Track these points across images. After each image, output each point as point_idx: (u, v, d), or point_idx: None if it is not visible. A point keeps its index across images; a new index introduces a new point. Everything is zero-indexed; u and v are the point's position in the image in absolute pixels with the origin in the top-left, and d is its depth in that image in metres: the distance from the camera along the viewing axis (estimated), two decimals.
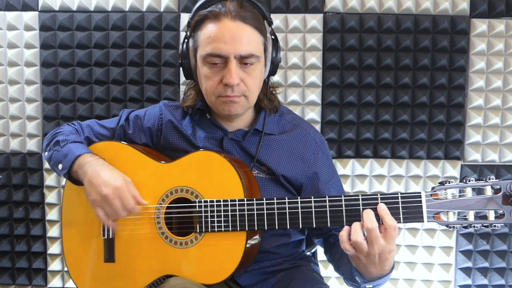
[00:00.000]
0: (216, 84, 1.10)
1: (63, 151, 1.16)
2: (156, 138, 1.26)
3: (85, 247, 1.19)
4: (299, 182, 1.19)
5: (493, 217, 0.93)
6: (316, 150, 1.22)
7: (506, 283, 2.02)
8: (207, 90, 1.12)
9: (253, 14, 1.09)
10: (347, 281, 1.12)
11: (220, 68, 1.09)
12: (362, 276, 1.00)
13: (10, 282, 2.13)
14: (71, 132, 1.24)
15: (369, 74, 1.98)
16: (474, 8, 1.94)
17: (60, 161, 1.15)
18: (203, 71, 1.11)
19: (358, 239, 0.93)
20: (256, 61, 1.10)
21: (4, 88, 2.05)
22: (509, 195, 0.92)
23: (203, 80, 1.13)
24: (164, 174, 1.14)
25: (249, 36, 1.08)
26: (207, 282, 1.07)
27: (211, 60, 1.08)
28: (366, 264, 0.95)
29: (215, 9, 1.08)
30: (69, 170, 1.14)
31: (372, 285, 1.01)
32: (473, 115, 1.99)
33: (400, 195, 0.97)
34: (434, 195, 0.96)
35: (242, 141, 1.20)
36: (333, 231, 1.19)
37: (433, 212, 0.96)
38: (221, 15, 1.07)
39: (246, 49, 1.07)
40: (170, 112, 1.26)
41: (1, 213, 2.09)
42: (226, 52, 1.06)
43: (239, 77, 1.08)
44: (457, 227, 0.95)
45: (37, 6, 2.00)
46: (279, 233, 1.19)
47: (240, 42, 1.06)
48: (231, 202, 1.05)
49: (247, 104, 1.14)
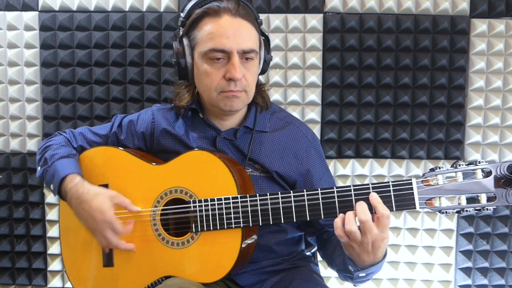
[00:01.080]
0: (218, 79, 1.10)
1: (51, 170, 1.17)
2: (149, 143, 1.26)
3: (84, 253, 1.19)
4: (293, 178, 1.19)
5: (485, 200, 0.94)
6: (309, 147, 1.23)
7: (506, 283, 2.02)
8: (208, 87, 1.13)
9: (248, 12, 1.12)
10: (340, 274, 1.12)
11: (223, 64, 1.10)
12: (355, 265, 1.00)
13: (10, 282, 2.13)
14: (60, 144, 1.24)
15: (369, 74, 1.98)
16: (474, 8, 1.94)
17: (51, 182, 1.17)
18: (203, 68, 1.12)
19: (352, 228, 0.94)
20: (255, 56, 1.12)
21: (4, 88, 2.05)
22: (500, 177, 0.92)
23: (203, 77, 1.13)
24: (158, 176, 1.14)
25: (249, 31, 1.11)
26: (204, 281, 1.07)
27: (213, 55, 1.09)
28: (359, 252, 0.96)
29: (213, 6, 1.10)
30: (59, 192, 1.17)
31: (365, 273, 1.01)
32: (473, 115, 1.99)
33: (392, 183, 0.97)
34: (425, 182, 0.96)
35: (235, 140, 1.20)
36: (326, 228, 1.20)
37: (425, 199, 0.96)
38: (220, 12, 1.09)
39: (248, 44, 1.09)
40: (163, 115, 1.27)
41: (1, 213, 2.09)
42: (229, 47, 1.08)
43: (241, 72, 1.10)
44: (450, 212, 0.95)
45: (37, 6, 2.00)
46: (275, 229, 1.20)
47: (242, 37, 1.09)
48: (225, 200, 1.06)
49: (247, 100, 1.16)
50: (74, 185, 1.13)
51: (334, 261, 1.13)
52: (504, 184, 0.92)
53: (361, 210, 0.95)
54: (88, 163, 1.21)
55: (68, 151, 1.21)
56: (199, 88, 1.17)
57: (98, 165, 1.20)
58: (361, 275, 1.02)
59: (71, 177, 1.14)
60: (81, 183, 1.14)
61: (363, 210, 0.95)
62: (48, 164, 1.18)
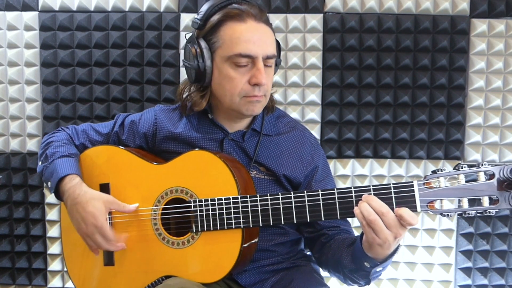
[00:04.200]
0: (242, 84, 1.11)
1: (50, 168, 1.17)
2: (151, 143, 1.26)
3: (84, 252, 1.19)
4: (299, 181, 1.20)
5: (487, 203, 0.91)
6: (312, 151, 1.24)
7: (506, 283, 2.02)
8: (231, 92, 1.12)
9: (268, 18, 1.14)
10: (350, 275, 1.08)
11: (248, 69, 1.10)
12: (373, 259, 0.98)
13: (10, 282, 2.13)
14: (62, 141, 1.23)
15: (369, 74, 1.98)
16: (474, 8, 1.94)
17: (49, 179, 1.17)
18: (226, 72, 1.11)
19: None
20: (273, 62, 1.15)
21: (4, 88, 2.05)
22: (503, 180, 0.90)
23: (225, 81, 1.12)
24: (159, 176, 1.14)
25: (271, 37, 1.13)
26: (205, 281, 1.07)
27: (239, 60, 1.09)
28: (381, 243, 0.94)
29: (234, 9, 1.09)
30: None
31: (382, 266, 1.00)
32: (473, 115, 1.99)
33: (393, 185, 0.96)
34: (427, 184, 0.95)
35: (242, 142, 1.20)
36: (325, 230, 1.19)
37: (426, 201, 0.94)
38: (244, 16, 1.09)
39: (271, 50, 1.11)
40: (166, 116, 1.27)
41: (1, 213, 2.09)
42: (255, 53, 1.08)
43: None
44: (452, 214, 0.94)
45: (37, 6, 2.00)
46: (276, 232, 1.20)
47: (266, 43, 1.10)
48: (226, 201, 1.06)
49: (265, 104, 1.18)
50: (72, 186, 1.13)
51: (341, 262, 1.09)
52: (507, 187, 0.90)
53: (377, 204, 0.94)
54: (89, 162, 1.21)
55: (70, 149, 1.21)
56: (219, 92, 1.16)
57: (100, 164, 1.20)
58: (378, 269, 1.01)
59: (70, 178, 1.14)
60: (79, 185, 1.13)
61: (380, 204, 0.94)
62: (49, 161, 1.18)
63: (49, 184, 1.17)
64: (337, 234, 1.18)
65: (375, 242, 0.94)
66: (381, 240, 0.93)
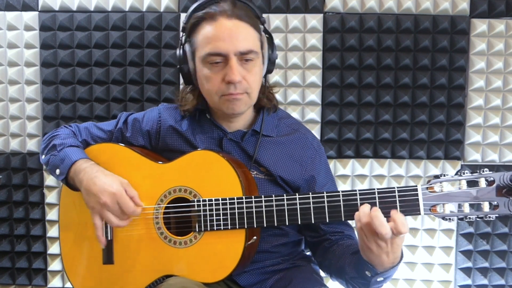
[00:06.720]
0: (218, 83, 1.10)
1: (60, 155, 1.16)
2: (154, 141, 1.26)
3: (83, 250, 1.19)
4: (297, 184, 1.19)
5: (487, 208, 0.96)
6: (314, 155, 1.23)
7: (506, 283, 2.02)
8: (209, 91, 1.13)
9: (246, 12, 1.11)
10: (352, 282, 1.08)
11: (221, 67, 1.09)
12: (374, 268, 0.98)
13: (10, 282, 2.13)
14: (68, 135, 1.24)
15: (369, 74, 1.98)
16: (474, 8, 1.94)
17: (58, 166, 1.15)
18: (203, 72, 1.12)
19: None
20: (255, 57, 1.11)
21: (4, 88, 2.05)
22: (503, 186, 0.94)
23: (204, 82, 1.13)
24: (162, 175, 1.14)
25: (246, 32, 1.10)
26: (206, 280, 1.07)
27: (211, 59, 1.09)
28: (378, 254, 0.95)
29: (210, 10, 1.09)
30: (66, 176, 1.14)
31: (383, 277, 0.99)
32: (473, 115, 1.99)
33: (397, 189, 0.99)
34: (430, 188, 0.98)
35: (241, 142, 1.20)
36: (328, 235, 1.19)
37: (429, 205, 0.98)
38: (216, 15, 1.08)
39: (244, 46, 1.08)
40: (169, 113, 1.27)
41: (1, 213, 2.09)
42: (226, 50, 1.07)
43: (240, 74, 1.09)
44: (453, 218, 0.98)
45: (37, 6, 2.00)
46: (277, 233, 1.20)
47: (238, 39, 1.08)
48: (230, 201, 1.06)
49: (250, 102, 1.15)
50: (90, 165, 1.13)
51: (345, 269, 1.09)
52: (506, 193, 0.94)
53: (379, 223, 0.92)
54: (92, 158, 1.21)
55: (77, 142, 1.22)
56: (202, 92, 1.17)
57: (102, 161, 1.19)
58: (379, 279, 1.00)
59: (85, 160, 1.14)
60: (95, 165, 1.14)
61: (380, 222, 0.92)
62: (57, 149, 1.17)
63: (57, 172, 1.15)
64: (340, 239, 1.18)
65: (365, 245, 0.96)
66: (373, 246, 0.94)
